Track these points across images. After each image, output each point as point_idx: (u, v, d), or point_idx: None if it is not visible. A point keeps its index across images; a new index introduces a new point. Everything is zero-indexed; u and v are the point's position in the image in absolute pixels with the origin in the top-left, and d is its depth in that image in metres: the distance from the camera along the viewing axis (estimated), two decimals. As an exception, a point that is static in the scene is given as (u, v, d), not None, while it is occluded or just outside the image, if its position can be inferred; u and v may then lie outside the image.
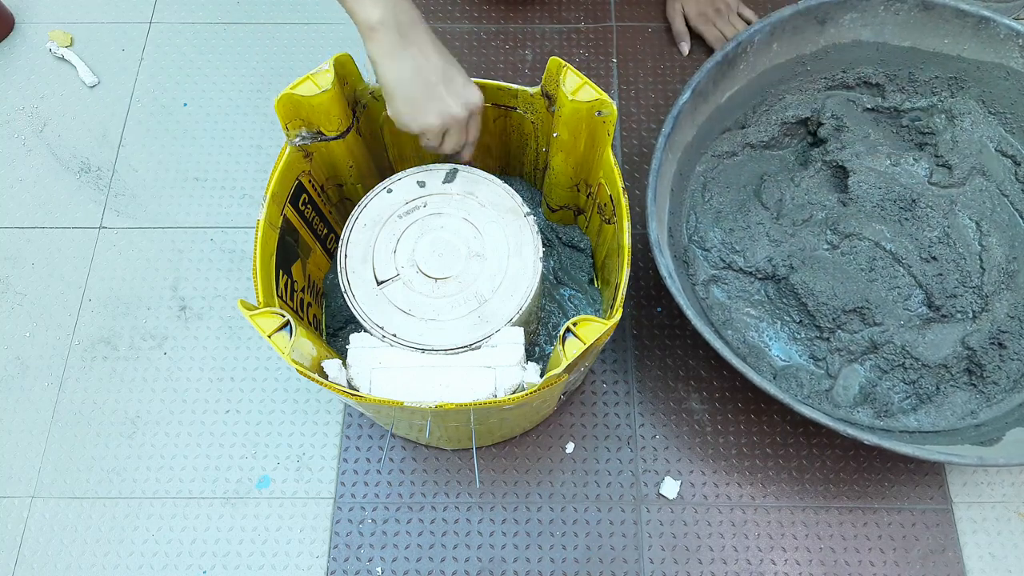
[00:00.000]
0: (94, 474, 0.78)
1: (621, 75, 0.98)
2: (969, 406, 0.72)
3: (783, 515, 0.75)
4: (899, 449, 0.60)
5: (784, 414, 0.79)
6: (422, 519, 0.76)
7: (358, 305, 0.62)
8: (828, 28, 0.77)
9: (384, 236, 0.65)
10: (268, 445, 0.79)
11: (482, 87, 0.66)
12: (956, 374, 0.73)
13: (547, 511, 0.76)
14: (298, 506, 0.77)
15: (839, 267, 0.76)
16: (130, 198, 0.92)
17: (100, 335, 0.85)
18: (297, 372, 0.54)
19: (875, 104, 0.83)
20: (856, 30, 0.78)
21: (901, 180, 0.80)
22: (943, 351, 0.73)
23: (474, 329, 0.61)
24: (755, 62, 0.76)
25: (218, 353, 0.83)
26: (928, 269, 0.76)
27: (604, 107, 0.59)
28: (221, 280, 0.87)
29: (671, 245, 0.73)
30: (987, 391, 0.72)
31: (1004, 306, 0.74)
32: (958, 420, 0.72)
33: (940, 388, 0.73)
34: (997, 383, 0.72)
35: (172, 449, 0.79)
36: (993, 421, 0.71)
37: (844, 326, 0.74)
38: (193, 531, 0.76)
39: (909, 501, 0.76)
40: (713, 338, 0.63)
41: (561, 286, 0.78)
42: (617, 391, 0.81)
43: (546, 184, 0.75)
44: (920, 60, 0.79)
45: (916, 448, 0.61)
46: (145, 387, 0.82)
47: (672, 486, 0.76)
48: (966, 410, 0.72)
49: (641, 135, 0.94)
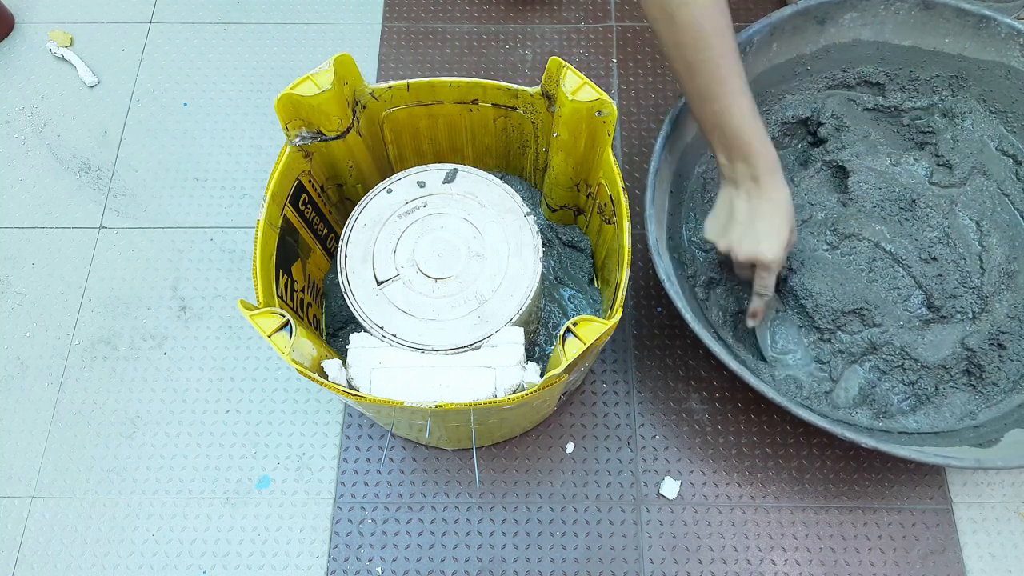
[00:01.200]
0: (94, 474, 0.78)
1: (621, 75, 0.98)
2: (968, 407, 0.72)
3: (783, 515, 0.75)
4: (897, 452, 0.60)
5: (784, 414, 0.79)
6: (422, 519, 0.76)
7: (358, 305, 0.62)
8: (828, 28, 0.77)
9: (384, 236, 0.65)
10: (268, 445, 0.79)
11: (482, 87, 0.66)
12: (955, 375, 0.73)
13: (547, 511, 0.76)
14: (298, 506, 0.77)
15: (838, 268, 0.76)
16: (130, 198, 0.91)
17: (100, 335, 0.85)
18: (297, 372, 0.54)
19: (875, 103, 0.82)
20: (856, 29, 0.77)
21: (901, 180, 0.79)
22: (942, 352, 0.73)
23: (474, 329, 0.61)
24: (754, 63, 0.76)
25: (218, 353, 0.83)
26: (928, 270, 0.76)
27: (604, 107, 0.59)
28: (221, 280, 0.87)
29: (671, 247, 0.73)
30: (986, 392, 0.72)
31: (1004, 307, 0.74)
32: (957, 421, 0.72)
33: (939, 389, 0.73)
34: (996, 384, 0.72)
35: (172, 449, 0.79)
36: (992, 422, 0.71)
37: (844, 327, 0.74)
38: (193, 531, 0.76)
39: (909, 501, 0.76)
40: (712, 342, 0.63)
41: (561, 286, 0.78)
42: (617, 391, 0.81)
43: (546, 184, 0.75)
44: (921, 59, 0.79)
45: (913, 451, 0.61)
46: (145, 387, 0.82)
47: (672, 486, 0.76)
48: (965, 411, 0.72)
49: (641, 135, 0.94)
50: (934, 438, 0.70)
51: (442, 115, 0.70)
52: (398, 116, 0.70)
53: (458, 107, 0.69)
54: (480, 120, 0.71)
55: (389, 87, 0.66)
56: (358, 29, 1.01)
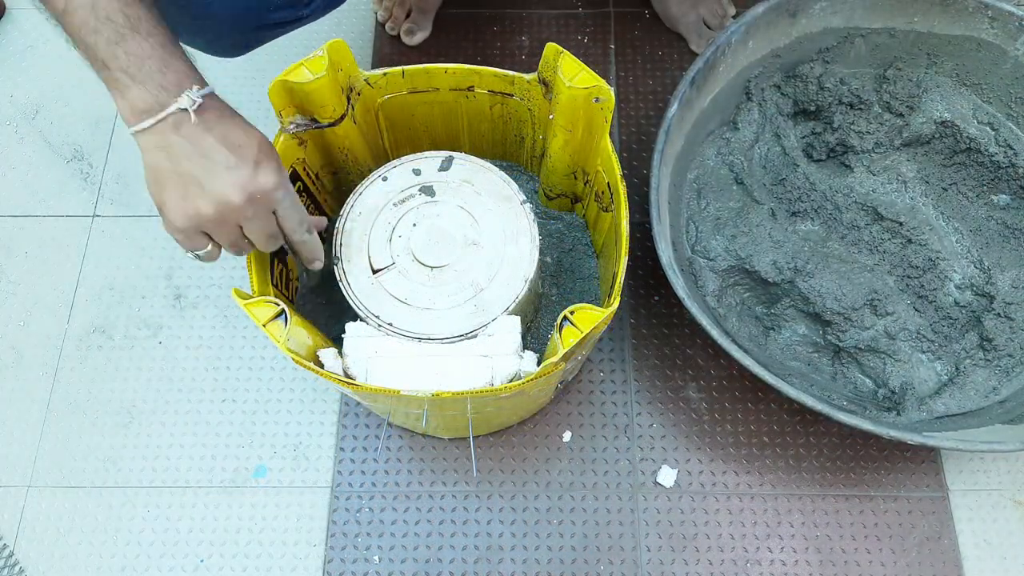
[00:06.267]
0: (90, 463, 0.78)
1: (619, 61, 0.97)
2: (990, 383, 0.74)
3: (780, 503, 0.76)
4: (908, 440, 0.62)
5: (781, 402, 0.80)
6: (419, 508, 0.76)
7: (354, 294, 0.62)
8: (799, 20, 0.77)
9: (379, 225, 0.64)
10: (264, 434, 0.79)
11: (479, 74, 0.66)
12: (971, 351, 0.74)
13: (544, 499, 0.76)
14: (295, 495, 0.77)
15: (843, 260, 0.77)
16: (123, 186, 0.91)
17: (95, 324, 0.84)
18: (293, 361, 0.54)
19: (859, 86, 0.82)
20: (826, 18, 0.78)
21: (891, 161, 0.80)
22: (955, 330, 0.75)
23: (471, 318, 0.61)
24: (733, 62, 0.77)
25: (213, 342, 0.83)
26: (928, 249, 0.77)
27: (601, 94, 0.59)
28: (216, 269, 0.87)
29: (676, 259, 0.73)
30: (1003, 364, 0.74)
31: (1007, 278, 0.76)
32: (982, 399, 0.73)
33: (960, 368, 0.74)
34: (1012, 355, 0.74)
35: (168, 438, 0.79)
36: (1015, 396, 0.72)
37: (856, 322, 0.74)
38: (190, 520, 0.76)
39: (905, 489, 0.76)
40: (711, 325, 0.63)
41: (558, 274, 0.78)
42: (614, 380, 0.81)
43: (543, 172, 0.75)
44: (894, 40, 0.80)
45: (910, 435, 0.62)
46: (140, 376, 0.82)
47: (669, 474, 0.76)
48: (988, 387, 0.73)
49: (639, 122, 0.93)
50: (963, 420, 0.71)
51: (438, 102, 0.70)
52: (393, 103, 0.69)
53: (454, 94, 0.69)
54: (476, 107, 0.71)
55: (384, 74, 0.65)
56: (352, 15, 1.00)
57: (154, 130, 0.47)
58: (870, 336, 0.75)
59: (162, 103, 0.47)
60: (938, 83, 0.80)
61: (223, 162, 0.48)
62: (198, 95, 0.47)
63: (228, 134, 0.49)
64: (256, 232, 0.52)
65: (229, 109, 0.51)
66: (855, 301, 0.74)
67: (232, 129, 0.49)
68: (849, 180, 0.81)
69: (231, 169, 0.48)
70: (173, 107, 0.47)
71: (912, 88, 0.79)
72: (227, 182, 0.49)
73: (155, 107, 0.47)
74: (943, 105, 0.79)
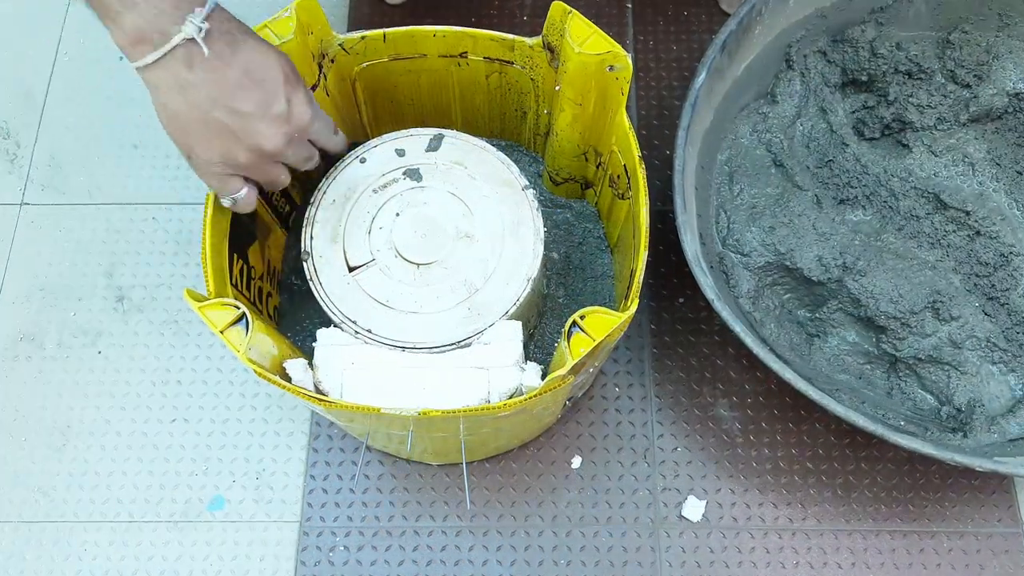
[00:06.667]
0: (17, 494, 0.78)
1: (637, 23, 0.97)
2: None
3: (826, 540, 0.76)
4: (977, 466, 0.61)
5: (828, 422, 0.80)
6: (403, 546, 0.76)
7: (326, 295, 0.62)
8: None
9: (356, 214, 0.65)
10: (222, 460, 0.79)
11: (473, 37, 0.66)
12: None
13: (550, 536, 0.76)
14: (257, 531, 0.77)
15: (900, 255, 0.77)
16: (56, 169, 0.91)
17: (23, 331, 0.84)
18: (255, 374, 0.54)
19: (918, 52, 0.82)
20: None
21: (956, 140, 0.80)
22: None
23: (464, 323, 0.61)
24: (771, 23, 0.77)
25: (162, 352, 0.83)
26: (999, 243, 0.77)
27: (617, 61, 0.59)
28: (165, 266, 0.87)
29: (704, 254, 0.73)
30: None
31: None
32: None
33: None
34: None
35: (109, 464, 0.79)
36: None
37: (916, 329, 0.74)
38: (135, 560, 0.76)
39: (973, 523, 0.76)
40: (745, 332, 0.63)
41: (566, 272, 0.78)
42: (632, 396, 0.81)
43: (548, 152, 0.75)
44: None
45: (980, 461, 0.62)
46: (77, 392, 0.82)
47: (696, 507, 0.77)
48: None
49: (661, 94, 0.94)
50: None
51: (425, 71, 0.70)
52: (373, 72, 0.69)
53: (444, 61, 0.69)
54: (470, 77, 0.71)
55: (362, 37, 0.66)
56: (326, -32, 1.01)
57: (162, 65, 0.48)
58: (932, 344, 0.75)
59: (162, 30, 0.47)
60: (1011, 48, 0.80)
61: (254, 108, 0.51)
62: (201, 19, 0.48)
63: (248, 66, 0.50)
64: (295, 159, 0.57)
65: (238, 26, 0.52)
66: (914, 304, 0.74)
67: (251, 57, 0.51)
68: (907, 162, 0.81)
69: (265, 115, 0.51)
70: (177, 38, 0.47)
71: (981, 54, 0.79)
72: (263, 131, 0.52)
73: (155, 34, 0.47)
74: (1017, 74, 0.80)
